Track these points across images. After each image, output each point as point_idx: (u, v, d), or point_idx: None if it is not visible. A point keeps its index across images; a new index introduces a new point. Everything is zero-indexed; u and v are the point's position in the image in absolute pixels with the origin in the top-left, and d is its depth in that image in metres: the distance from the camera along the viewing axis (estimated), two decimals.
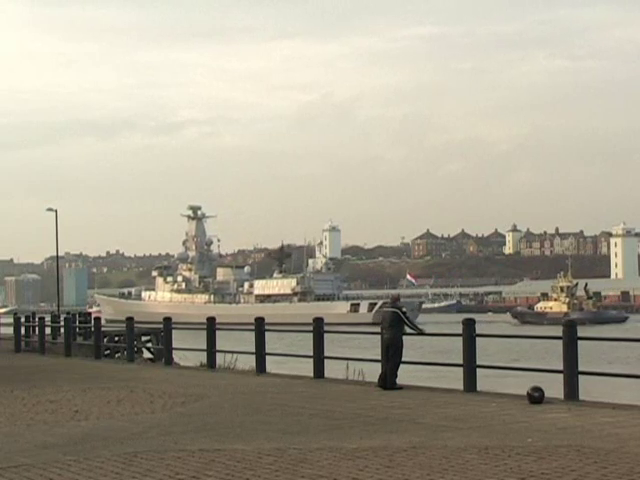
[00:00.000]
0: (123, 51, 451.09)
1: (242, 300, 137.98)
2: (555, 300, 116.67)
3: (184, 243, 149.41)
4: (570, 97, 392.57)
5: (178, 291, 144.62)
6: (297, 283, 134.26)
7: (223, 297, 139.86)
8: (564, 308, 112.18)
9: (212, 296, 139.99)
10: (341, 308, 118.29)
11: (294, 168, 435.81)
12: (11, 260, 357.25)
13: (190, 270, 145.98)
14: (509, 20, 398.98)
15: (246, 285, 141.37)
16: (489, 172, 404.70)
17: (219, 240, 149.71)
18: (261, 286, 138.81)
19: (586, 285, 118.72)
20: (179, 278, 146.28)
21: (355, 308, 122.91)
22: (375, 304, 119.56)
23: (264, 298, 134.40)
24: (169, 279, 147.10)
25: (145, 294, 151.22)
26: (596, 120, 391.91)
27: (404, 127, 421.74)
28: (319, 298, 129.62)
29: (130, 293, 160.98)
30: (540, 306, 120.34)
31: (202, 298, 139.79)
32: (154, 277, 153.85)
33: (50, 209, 60.16)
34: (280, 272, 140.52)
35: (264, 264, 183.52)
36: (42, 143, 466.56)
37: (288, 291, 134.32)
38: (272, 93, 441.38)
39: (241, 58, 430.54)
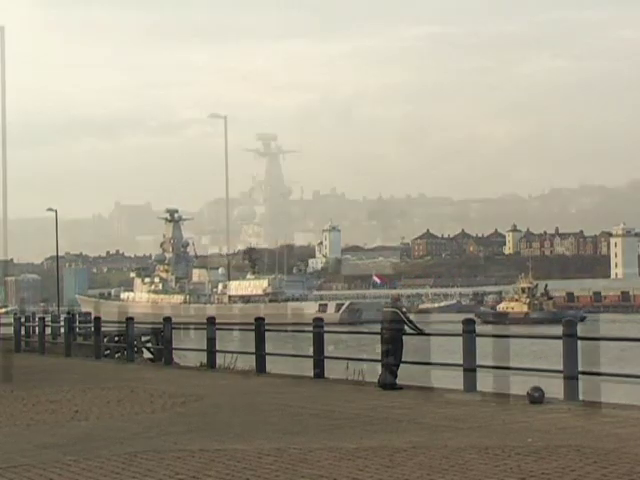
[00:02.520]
0: (125, 51, 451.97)
1: (216, 301, 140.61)
2: (516, 301, 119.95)
3: (161, 245, 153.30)
4: (571, 97, 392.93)
5: (155, 292, 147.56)
6: (268, 284, 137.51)
7: (198, 297, 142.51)
8: (525, 308, 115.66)
9: (187, 297, 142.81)
10: (309, 308, 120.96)
11: (295, 167, 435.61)
12: (11, 260, 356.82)
13: (167, 271, 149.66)
14: (512, 20, 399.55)
15: (220, 286, 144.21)
16: (489, 172, 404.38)
17: (194, 244, 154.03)
18: (234, 287, 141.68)
19: (546, 286, 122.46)
20: (156, 279, 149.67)
21: (323, 308, 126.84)
22: (342, 304, 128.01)
23: (237, 299, 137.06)
24: (147, 280, 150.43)
25: (124, 295, 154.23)
26: (597, 120, 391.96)
27: (405, 126, 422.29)
28: (289, 299, 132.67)
29: (110, 294, 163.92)
30: (502, 306, 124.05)
31: (178, 298, 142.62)
32: (132, 278, 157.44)
33: (50, 209, 60.21)
34: (253, 273, 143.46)
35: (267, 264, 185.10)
36: (42, 143, 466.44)
37: (260, 292, 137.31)
38: (274, 92, 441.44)
39: (243, 58, 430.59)
